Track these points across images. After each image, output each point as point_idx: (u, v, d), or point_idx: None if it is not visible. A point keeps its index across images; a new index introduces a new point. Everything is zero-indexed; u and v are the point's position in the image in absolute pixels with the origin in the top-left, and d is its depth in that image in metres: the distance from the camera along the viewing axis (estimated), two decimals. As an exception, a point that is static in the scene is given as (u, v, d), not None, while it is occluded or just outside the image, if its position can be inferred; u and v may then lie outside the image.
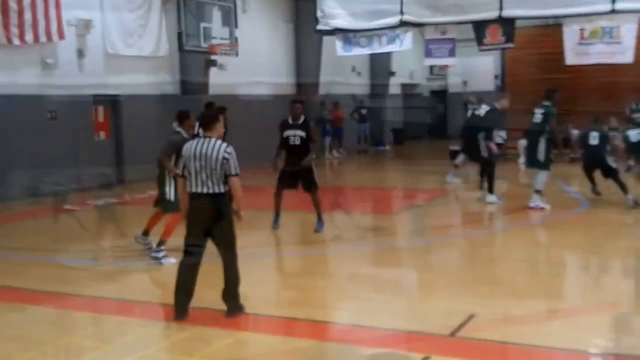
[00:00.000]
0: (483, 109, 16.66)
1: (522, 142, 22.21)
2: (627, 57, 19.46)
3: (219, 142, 7.24)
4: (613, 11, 18.81)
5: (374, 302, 8.29)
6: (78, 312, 8.15)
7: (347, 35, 22.76)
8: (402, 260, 10.78)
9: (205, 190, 7.20)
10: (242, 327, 7.38)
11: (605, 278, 9.49)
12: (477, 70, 32.44)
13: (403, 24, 21.50)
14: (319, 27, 23.07)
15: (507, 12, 20.03)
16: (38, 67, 17.15)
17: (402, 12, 21.37)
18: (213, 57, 20.71)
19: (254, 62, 23.58)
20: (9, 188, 16.36)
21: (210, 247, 7.40)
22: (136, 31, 19.50)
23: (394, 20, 21.56)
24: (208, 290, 7.68)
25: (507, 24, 20.44)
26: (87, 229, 12.70)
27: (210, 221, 7.23)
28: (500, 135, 23.73)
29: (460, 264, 10.33)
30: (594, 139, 14.92)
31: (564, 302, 8.44)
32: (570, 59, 20.14)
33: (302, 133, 11.60)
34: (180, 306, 7.37)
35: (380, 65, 31.66)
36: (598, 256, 10.51)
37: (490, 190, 14.99)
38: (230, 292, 7.41)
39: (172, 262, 9.16)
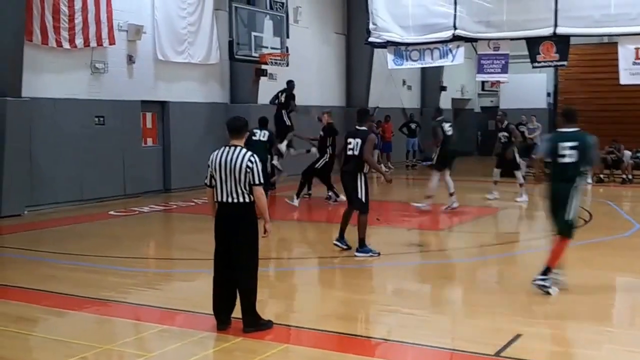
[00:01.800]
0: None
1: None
2: (684, 77, 19.00)
3: (244, 150, 7.06)
4: (670, 30, 18.38)
5: (417, 319, 8.07)
6: (119, 319, 8.05)
7: (398, 48, 22.64)
8: (448, 277, 10.51)
9: (231, 200, 7.03)
10: (285, 340, 7.21)
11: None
12: (529, 87, 32.02)
13: (456, 38, 21.34)
14: (371, 39, 22.98)
15: (562, 29, 19.75)
16: (87, 72, 17.22)
17: (455, 27, 21.20)
18: (263, 67, 20.65)
19: (304, 72, 23.50)
20: (56, 192, 16.44)
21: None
22: (187, 38, 19.52)
23: (446, 34, 21.39)
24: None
25: (561, 41, 20.15)
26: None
27: (236, 231, 7.04)
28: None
29: (507, 282, 10.04)
30: None
31: (613, 325, 8.13)
32: (625, 78, 19.79)
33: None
34: (221, 317, 7.23)
35: (431, 80, 31.45)
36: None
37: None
38: (246, 306, 7.17)
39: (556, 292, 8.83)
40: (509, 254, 12.16)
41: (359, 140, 11.00)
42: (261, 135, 15.22)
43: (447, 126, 16.28)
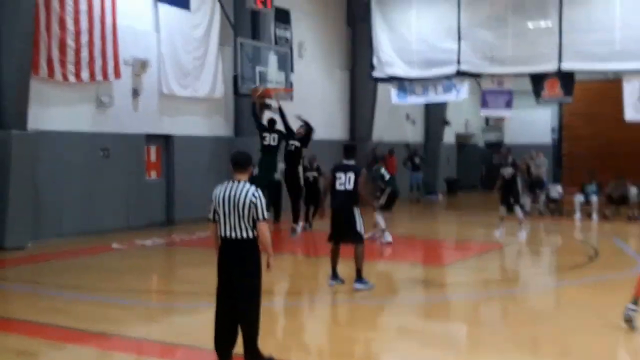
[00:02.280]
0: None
1: (579, 198, 21.77)
2: (689, 114, 19.04)
3: (247, 185, 7.03)
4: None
5: (421, 357, 7.99)
6: (120, 352, 7.99)
7: (402, 83, 22.82)
8: (452, 314, 10.44)
9: (234, 235, 6.99)
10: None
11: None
12: (534, 122, 32.07)
13: (460, 74, 21.49)
14: (375, 74, 23.19)
15: (567, 65, 19.87)
16: (93, 105, 17.30)
17: (459, 62, 21.37)
18: (268, 101, 20.72)
19: (308, 106, 23.56)
20: (60, 225, 16.45)
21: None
22: (192, 72, 19.64)
23: (450, 69, 21.55)
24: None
25: (566, 77, 20.28)
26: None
27: (239, 266, 6.98)
28: (556, 189, 23.31)
29: (511, 320, 9.95)
30: None
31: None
32: (630, 114, 19.85)
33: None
34: (222, 352, 7.11)
35: (435, 114, 31.54)
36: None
37: None
38: (248, 342, 7.06)
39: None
40: (513, 290, 12.07)
41: (351, 175, 10.97)
42: (271, 139, 15.30)
43: (383, 170, 16.01)
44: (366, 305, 10.52)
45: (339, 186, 11.03)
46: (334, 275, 11.27)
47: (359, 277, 11.01)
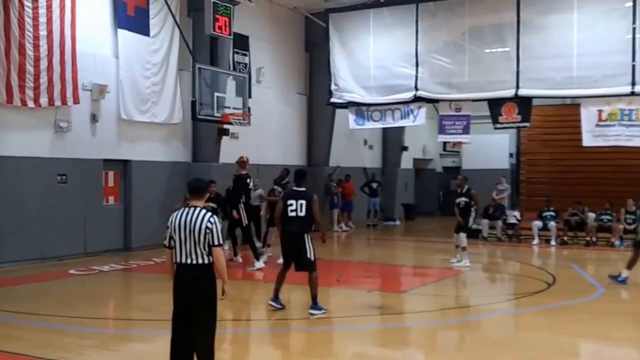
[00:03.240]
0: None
1: (537, 224, 21.97)
2: (646, 140, 19.24)
3: (204, 211, 7.02)
4: (632, 93, 18.73)
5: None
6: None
7: (360, 108, 22.90)
8: (410, 341, 10.45)
9: (190, 261, 6.95)
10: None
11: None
12: (491, 148, 32.32)
13: (417, 99, 21.62)
14: (332, 99, 23.26)
15: (524, 91, 20.06)
16: (51, 130, 17.13)
17: (416, 88, 21.52)
18: (225, 126, 20.70)
19: (266, 131, 23.62)
20: (17, 250, 16.22)
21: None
22: (150, 98, 19.54)
23: (408, 95, 21.68)
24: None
25: (523, 102, 20.45)
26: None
27: (194, 292, 6.93)
28: (514, 215, 23.50)
29: (468, 347, 9.98)
30: None
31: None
32: (588, 140, 19.97)
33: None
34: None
35: (392, 139, 31.72)
36: (608, 345, 10.12)
37: None
38: None
39: None
40: (471, 317, 12.12)
41: (302, 202, 11.07)
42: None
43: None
44: (323, 332, 10.51)
45: (290, 213, 11.09)
46: (275, 297, 11.40)
47: (314, 303, 11.04)
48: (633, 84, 18.72)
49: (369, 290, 14.16)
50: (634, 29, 18.87)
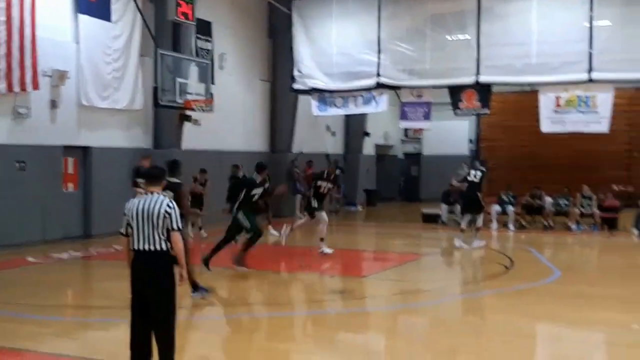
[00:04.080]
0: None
1: (496, 208, 22.24)
2: (603, 126, 19.73)
3: (162, 197, 7.03)
4: (590, 80, 19.07)
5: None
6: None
7: (322, 95, 22.95)
8: (371, 325, 10.55)
9: (147, 247, 6.93)
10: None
11: (570, 348, 9.27)
12: (452, 134, 32.62)
13: (379, 86, 21.74)
14: (295, 86, 23.29)
15: (484, 78, 20.31)
16: (9, 117, 16.91)
17: (378, 75, 21.62)
18: (188, 113, 20.61)
19: (229, 117, 23.55)
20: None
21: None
22: (112, 84, 19.36)
23: (370, 82, 21.79)
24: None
25: (483, 89, 20.70)
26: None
27: (153, 279, 6.92)
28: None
29: (428, 331, 10.12)
30: None
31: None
32: (546, 126, 20.36)
33: None
34: (139, 368, 7.05)
35: (355, 126, 31.79)
36: (566, 327, 10.33)
37: None
38: (164, 357, 6.96)
39: None
40: (431, 301, 12.24)
41: (171, 195, 10.89)
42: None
43: None
44: (284, 317, 10.58)
45: None
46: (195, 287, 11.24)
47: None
48: (590, 71, 19.08)
49: (331, 276, 14.27)
50: (591, 17, 19.22)
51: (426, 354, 8.63)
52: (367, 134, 32.36)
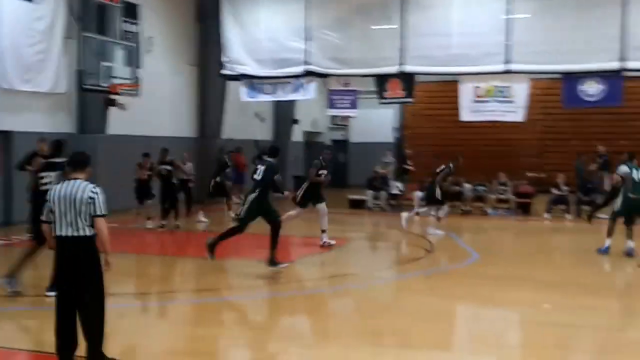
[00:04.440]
0: None
1: (418, 194, 22.64)
2: (519, 116, 20.55)
3: (85, 183, 6.96)
4: (507, 71, 19.74)
5: (266, 350, 8.25)
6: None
7: (251, 81, 23.03)
8: (298, 308, 10.71)
9: (70, 233, 6.86)
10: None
11: (490, 327, 9.62)
12: (377, 122, 33.06)
13: (308, 73, 21.90)
14: (224, 71, 23.28)
15: (408, 68, 20.77)
16: None
17: (306, 62, 21.76)
18: (113, 97, 20.39)
19: (156, 102, 23.36)
20: None
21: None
22: (34, 67, 18.97)
23: (298, 69, 21.96)
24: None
25: (407, 78, 21.17)
26: None
27: (77, 266, 6.84)
28: (397, 186, 24.26)
29: (354, 313, 10.36)
30: None
31: (454, 352, 8.59)
32: (465, 115, 21.08)
33: None
34: (64, 356, 6.95)
35: (284, 113, 31.85)
36: (485, 307, 10.71)
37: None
38: (92, 349, 6.91)
39: None
40: (356, 284, 12.47)
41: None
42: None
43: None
44: (211, 303, 10.66)
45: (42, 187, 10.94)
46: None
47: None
48: (507, 62, 19.73)
49: (259, 261, 14.35)
50: (508, 10, 19.85)
51: (352, 335, 8.85)
52: (295, 121, 32.49)
